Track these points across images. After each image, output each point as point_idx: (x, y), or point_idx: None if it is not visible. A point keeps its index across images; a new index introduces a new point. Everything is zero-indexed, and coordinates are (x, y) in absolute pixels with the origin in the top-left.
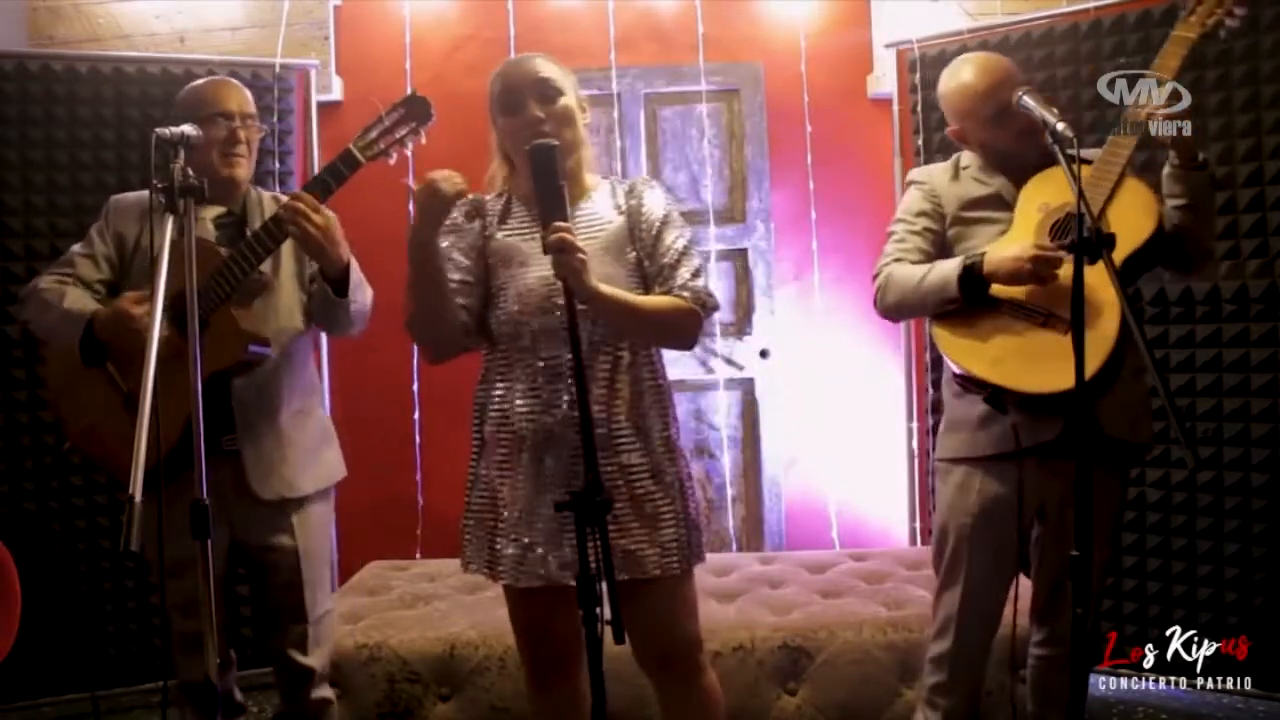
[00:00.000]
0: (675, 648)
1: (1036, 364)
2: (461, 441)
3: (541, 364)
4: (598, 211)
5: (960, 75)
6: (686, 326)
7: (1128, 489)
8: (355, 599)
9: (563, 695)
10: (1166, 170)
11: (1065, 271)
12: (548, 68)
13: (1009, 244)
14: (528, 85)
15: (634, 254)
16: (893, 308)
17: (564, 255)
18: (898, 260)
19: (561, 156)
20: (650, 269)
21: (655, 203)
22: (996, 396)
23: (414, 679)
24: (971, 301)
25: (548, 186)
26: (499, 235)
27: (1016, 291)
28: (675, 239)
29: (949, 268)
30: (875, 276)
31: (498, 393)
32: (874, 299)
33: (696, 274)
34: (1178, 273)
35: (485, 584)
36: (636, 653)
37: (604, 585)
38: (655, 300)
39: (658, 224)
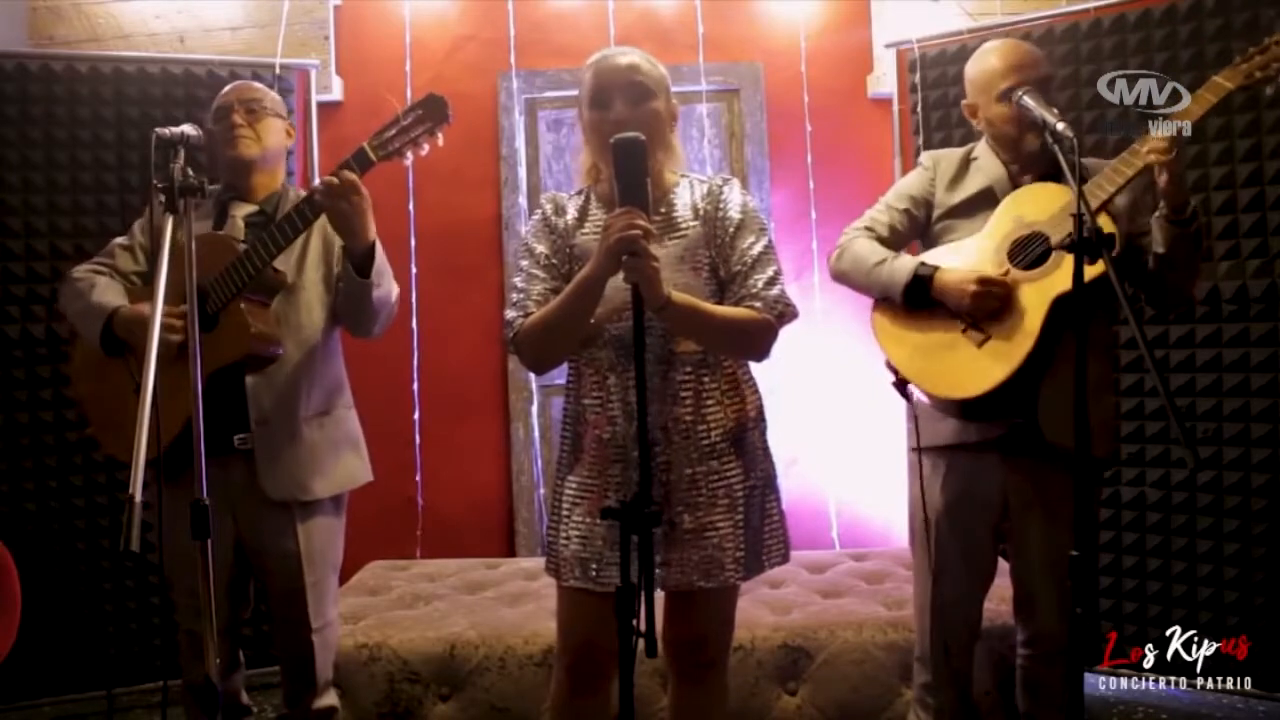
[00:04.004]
0: (721, 646)
1: (943, 367)
2: (462, 441)
3: (620, 370)
4: (675, 215)
5: (988, 54)
6: (757, 338)
7: (1091, 497)
8: (355, 599)
9: (595, 704)
10: (1155, 215)
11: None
12: (643, 68)
13: (961, 265)
14: (619, 84)
15: (709, 258)
16: (841, 275)
17: (636, 260)
18: (867, 229)
19: (647, 152)
20: (724, 275)
21: (732, 205)
22: (902, 384)
23: (414, 679)
24: (913, 305)
25: (629, 182)
26: (578, 237)
27: None
28: (750, 244)
29: (902, 271)
30: (843, 235)
31: (580, 398)
32: (829, 257)
33: (771, 281)
34: (1152, 308)
35: (485, 584)
36: (679, 648)
37: (656, 595)
38: (728, 310)
39: (733, 228)
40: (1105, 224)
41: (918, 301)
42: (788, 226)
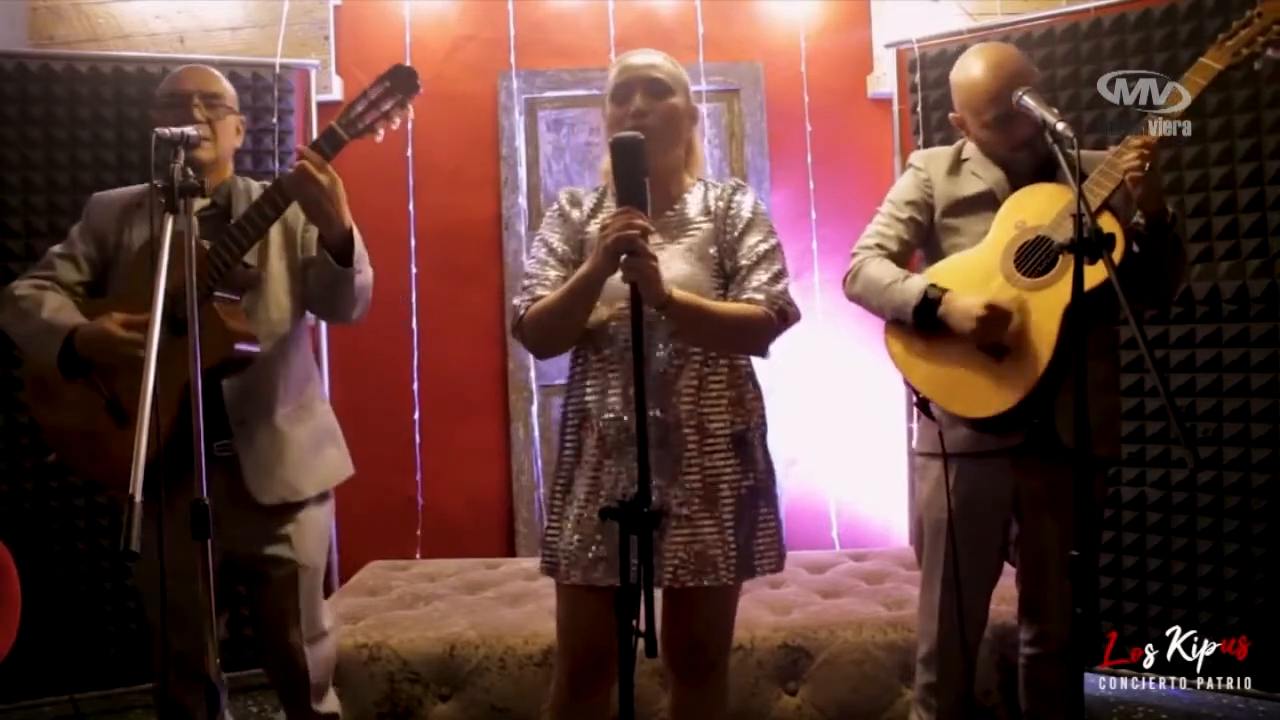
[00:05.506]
0: (720, 648)
1: (964, 386)
2: (461, 441)
3: (624, 365)
4: (687, 214)
5: (972, 69)
6: (757, 333)
7: (1094, 496)
8: (355, 599)
9: (596, 706)
10: (1132, 221)
11: (1020, 306)
12: (663, 67)
13: (966, 279)
14: (638, 80)
15: (717, 254)
16: (855, 298)
17: (635, 260)
18: (878, 246)
19: (647, 152)
20: (729, 269)
21: (745, 205)
22: (924, 403)
23: (414, 679)
24: (924, 327)
25: (628, 181)
26: (590, 228)
27: None
28: (758, 242)
29: (911, 291)
30: (853, 255)
31: (584, 393)
32: (843, 278)
33: (775, 279)
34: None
35: (485, 584)
36: (678, 651)
37: (656, 594)
38: (729, 305)
39: (742, 225)
40: (1107, 223)
41: (928, 322)
42: (788, 226)
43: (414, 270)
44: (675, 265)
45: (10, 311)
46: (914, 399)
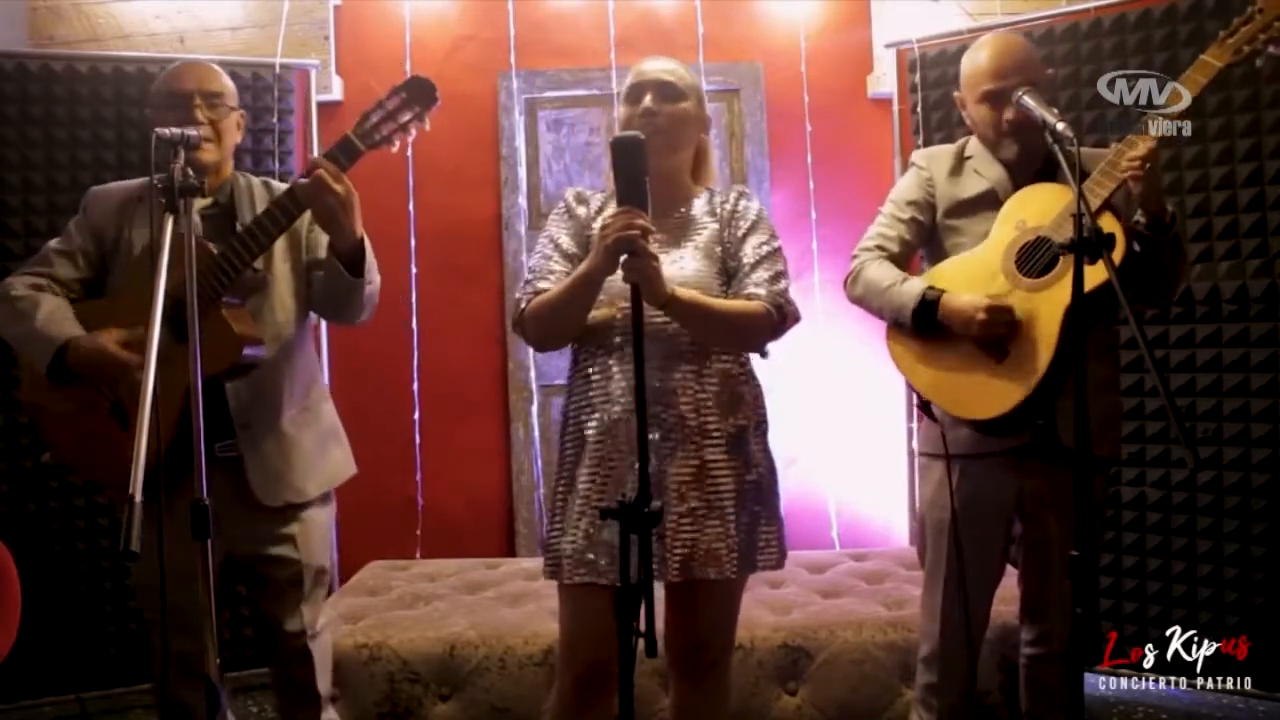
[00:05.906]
0: (723, 647)
1: (966, 388)
2: (461, 441)
3: (626, 361)
4: (694, 216)
5: (979, 48)
6: (757, 330)
7: (1094, 496)
8: (355, 599)
9: (599, 713)
10: (1133, 220)
11: (1021, 307)
12: (677, 72)
13: (967, 281)
14: (651, 82)
15: (722, 253)
16: (856, 300)
17: (635, 260)
18: (879, 248)
19: (647, 152)
20: (732, 267)
21: (750, 209)
22: (927, 405)
23: (414, 679)
24: (923, 329)
25: (628, 180)
26: (596, 228)
27: None
28: (761, 243)
29: (909, 294)
30: (854, 256)
31: (586, 391)
32: (845, 280)
33: (776, 279)
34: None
35: (485, 584)
36: (681, 650)
37: (662, 592)
38: (729, 302)
39: (747, 226)
40: (1108, 223)
41: (928, 324)
42: (788, 226)
43: (414, 270)
44: (686, 263)
45: (4, 310)
46: (916, 400)
